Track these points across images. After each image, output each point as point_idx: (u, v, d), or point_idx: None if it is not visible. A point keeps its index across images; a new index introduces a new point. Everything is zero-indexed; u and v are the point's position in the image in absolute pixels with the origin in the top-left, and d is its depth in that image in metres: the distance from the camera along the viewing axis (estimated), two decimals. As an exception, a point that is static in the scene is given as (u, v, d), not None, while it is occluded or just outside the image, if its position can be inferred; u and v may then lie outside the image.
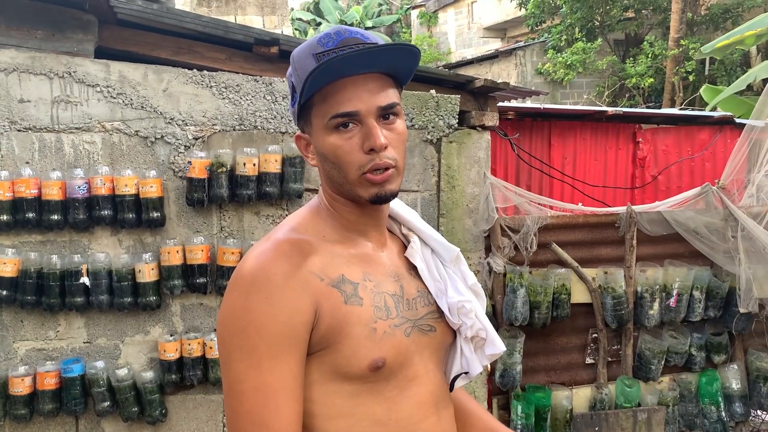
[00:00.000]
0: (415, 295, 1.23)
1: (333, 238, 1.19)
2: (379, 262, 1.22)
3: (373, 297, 1.15)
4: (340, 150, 1.12)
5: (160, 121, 3.04)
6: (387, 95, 1.14)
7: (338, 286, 1.13)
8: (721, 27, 11.79)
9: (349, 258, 1.18)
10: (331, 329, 1.10)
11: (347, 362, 1.11)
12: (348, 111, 1.11)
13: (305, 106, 1.15)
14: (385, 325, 1.14)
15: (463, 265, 1.32)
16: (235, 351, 1.07)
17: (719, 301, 3.78)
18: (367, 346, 1.11)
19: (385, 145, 1.11)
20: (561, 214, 3.68)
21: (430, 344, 1.23)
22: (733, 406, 3.82)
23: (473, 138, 3.47)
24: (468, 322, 1.25)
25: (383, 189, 1.14)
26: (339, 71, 1.09)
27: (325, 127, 1.13)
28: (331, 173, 1.16)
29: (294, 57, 1.16)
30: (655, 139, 4.59)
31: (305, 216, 1.23)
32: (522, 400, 3.49)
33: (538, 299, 3.45)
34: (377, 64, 1.12)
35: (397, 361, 1.15)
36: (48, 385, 2.93)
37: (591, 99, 12.77)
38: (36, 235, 2.98)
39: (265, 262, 1.09)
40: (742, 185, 3.90)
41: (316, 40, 1.14)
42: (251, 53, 3.22)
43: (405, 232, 1.32)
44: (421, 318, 1.22)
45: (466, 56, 17.32)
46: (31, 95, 2.92)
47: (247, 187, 3.03)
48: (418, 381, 1.19)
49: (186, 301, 3.14)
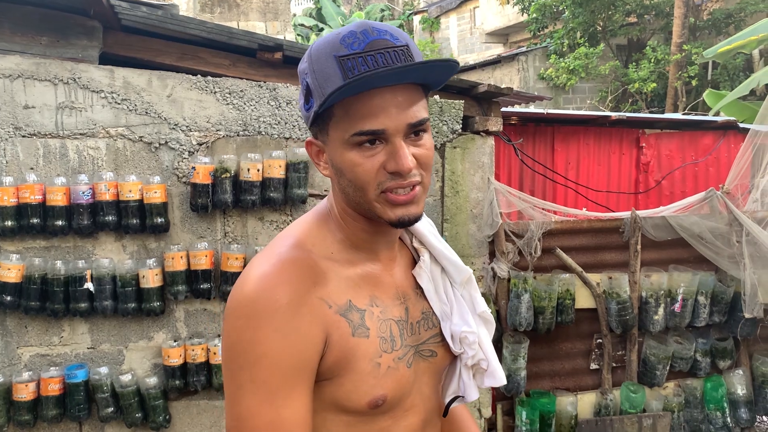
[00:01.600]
0: (419, 318, 1.16)
1: (340, 256, 1.10)
2: (385, 284, 1.13)
3: (379, 326, 1.08)
4: (360, 168, 1.00)
5: (164, 127, 3.04)
6: (417, 110, 1.02)
7: (346, 314, 1.05)
8: (724, 32, 11.78)
9: (356, 280, 1.09)
10: (337, 362, 1.03)
11: (347, 397, 1.05)
12: (374, 129, 0.99)
13: (322, 114, 1.03)
14: (389, 359, 1.08)
15: (474, 290, 1.23)
16: (247, 384, 0.98)
17: (724, 307, 3.77)
18: (370, 382, 1.05)
19: (411, 168, 1.00)
20: (565, 220, 3.67)
21: (429, 369, 1.17)
22: (739, 412, 3.80)
23: (477, 143, 3.47)
24: (470, 352, 1.19)
25: (408, 212, 1.03)
26: (367, 84, 0.97)
27: (346, 141, 1.00)
28: (347, 190, 1.05)
29: (312, 55, 1.02)
30: (659, 144, 4.59)
31: (312, 227, 1.12)
32: (526, 405, 3.48)
33: (543, 304, 3.44)
34: (409, 77, 1.00)
35: (397, 396, 1.09)
36: (52, 391, 2.93)
37: (594, 104, 12.77)
38: (40, 240, 2.98)
39: (269, 287, 0.99)
40: (746, 190, 3.89)
41: (339, 38, 0.99)
42: (255, 59, 3.23)
43: (417, 246, 1.22)
44: (423, 342, 1.16)
45: (468, 61, 17.34)
46: (35, 101, 2.93)
47: (251, 193, 3.03)
48: (413, 410, 1.14)
49: (190, 307, 3.14)
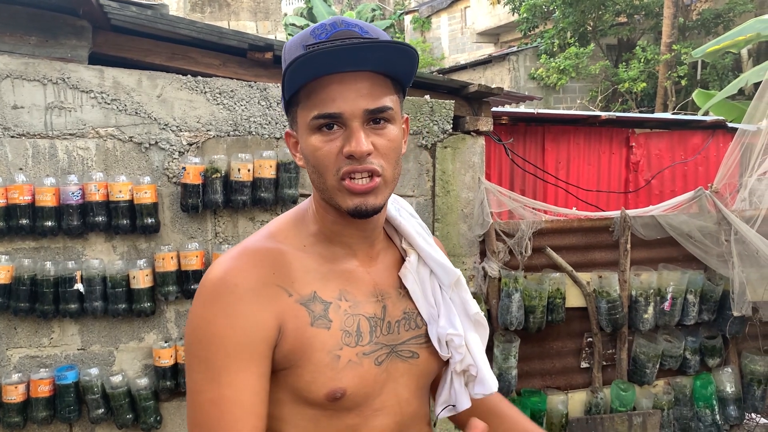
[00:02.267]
0: (399, 317, 1.15)
1: (313, 249, 1.11)
2: (361, 280, 1.13)
3: (344, 320, 1.08)
4: (319, 153, 1.03)
5: (155, 127, 3.04)
6: (377, 98, 1.03)
7: (307, 304, 1.06)
8: (713, 32, 11.86)
9: (326, 273, 1.10)
10: (293, 351, 1.04)
11: (307, 388, 1.05)
12: (330, 112, 1.01)
13: (292, 102, 1.07)
14: (351, 353, 1.07)
15: (464, 292, 1.21)
16: (195, 361, 1.03)
17: (713, 305, 3.79)
18: (328, 374, 1.04)
19: (367, 152, 1.01)
20: (555, 219, 3.69)
21: (409, 371, 1.15)
22: (728, 410, 3.83)
23: (468, 143, 3.48)
24: (457, 356, 1.16)
25: (365, 202, 1.04)
26: (324, 67, 1.00)
27: (308, 126, 1.04)
28: (312, 176, 1.08)
29: (286, 48, 1.07)
30: (649, 144, 4.62)
31: (288, 221, 1.15)
32: (517, 404, 3.50)
33: (533, 303, 3.45)
34: (366, 62, 1.01)
35: (361, 392, 1.07)
36: (42, 393, 2.92)
37: (584, 104, 12.82)
38: (29, 241, 2.96)
39: (229, 272, 1.03)
40: (734, 189, 3.92)
41: (310, 30, 1.04)
42: (245, 59, 3.22)
43: (405, 247, 1.21)
44: (402, 343, 1.14)
45: (459, 61, 17.36)
46: (24, 101, 2.91)
47: (241, 193, 3.03)
48: (385, 411, 1.11)
49: (181, 308, 3.13)
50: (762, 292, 3.63)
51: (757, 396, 3.84)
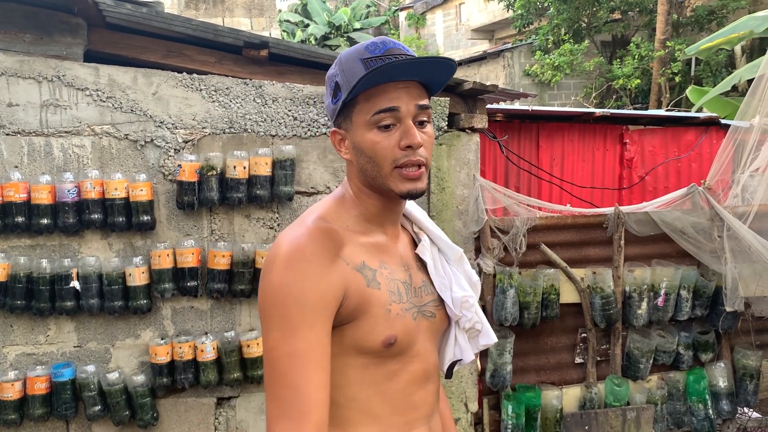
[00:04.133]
0: (420, 284, 1.38)
1: (354, 228, 1.32)
2: (392, 252, 1.36)
3: (387, 283, 1.29)
4: (378, 145, 1.25)
5: (150, 125, 3.04)
6: (423, 99, 1.28)
7: (361, 270, 1.26)
8: (707, 28, 11.90)
9: (368, 247, 1.31)
10: (356, 307, 1.24)
11: (366, 336, 1.25)
12: (390, 106, 1.23)
13: (348, 105, 1.27)
14: (398, 308, 1.29)
15: (466, 264, 1.49)
16: (273, 320, 1.18)
17: (706, 300, 3.82)
18: (383, 324, 1.26)
19: (421, 144, 1.25)
20: (549, 215, 3.70)
21: (430, 328, 1.38)
22: (720, 404, 3.86)
23: (462, 140, 3.49)
24: (468, 315, 1.41)
25: (416, 186, 1.27)
26: (387, 76, 1.23)
27: (367, 123, 1.25)
28: (365, 167, 1.29)
29: (342, 59, 1.28)
30: (642, 140, 4.63)
31: (331, 205, 1.34)
32: (512, 399, 3.52)
33: (528, 299, 3.48)
34: (419, 74, 1.26)
35: (406, 340, 1.29)
36: (38, 390, 2.93)
37: (578, 100, 12.85)
38: (25, 239, 2.97)
39: (301, 245, 1.21)
40: (727, 185, 3.94)
41: (363, 47, 1.26)
42: (241, 56, 3.22)
43: (416, 230, 1.46)
44: (425, 305, 1.37)
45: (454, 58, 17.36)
46: (19, 99, 2.91)
47: (237, 190, 3.04)
48: (418, 359, 1.34)
49: (177, 305, 3.14)
50: (754, 287, 3.65)
51: (750, 390, 3.88)
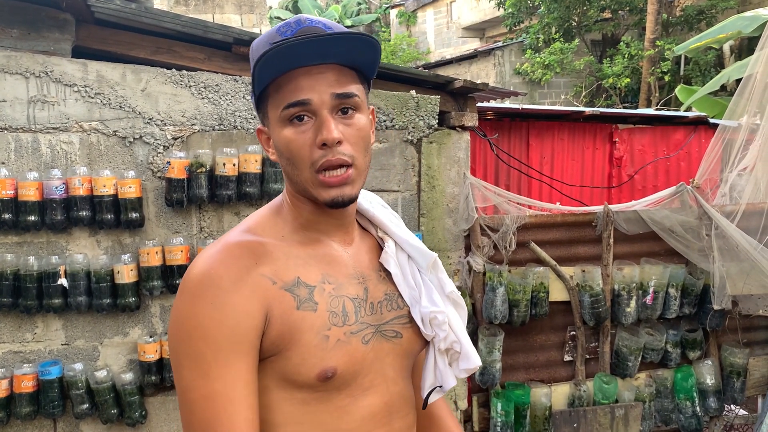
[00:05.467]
0: (381, 298, 1.18)
1: (292, 238, 1.14)
2: (341, 263, 1.16)
3: (330, 301, 1.10)
4: (293, 144, 1.07)
5: (139, 121, 3.02)
6: (344, 86, 1.07)
7: (292, 289, 1.07)
8: (696, 28, 11.97)
9: (307, 259, 1.12)
10: (281, 335, 1.05)
11: (296, 370, 1.06)
12: (300, 99, 1.05)
13: (262, 98, 1.10)
14: (339, 332, 1.09)
15: (441, 272, 1.25)
16: (183, 358, 1.03)
17: (694, 299, 3.84)
18: (318, 355, 1.06)
19: (338, 140, 1.05)
20: (539, 214, 3.71)
21: (393, 351, 1.17)
22: (708, 401, 3.89)
23: (453, 138, 3.49)
24: (441, 333, 1.19)
25: (342, 193, 1.08)
26: (292, 60, 1.04)
27: (279, 119, 1.07)
28: (287, 169, 1.11)
29: (252, 47, 1.12)
30: (632, 139, 4.66)
31: (264, 215, 1.18)
32: (502, 397, 3.53)
33: (517, 297, 3.48)
34: (332, 54, 1.05)
35: (350, 370, 1.10)
36: (25, 388, 2.90)
37: (569, 99, 12.90)
38: (12, 236, 2.94)
39: (212, 266, 1.05)
40: (715, 184, 3.96)
41: (276, 29, 1.09)
42: (230, 53, 3.21)
43: (381, 235, 1.25)
44: (386, 323, 1.17)
45: (445, 56, 17.38)
46: (6, 95, 2.88)
47: (226, 188, 3.02)
48: (373, 390, 1.14)
49: (165, 302, 3.13)
50: (741, 285, 3.68)
51: (737, 388, 3.90)
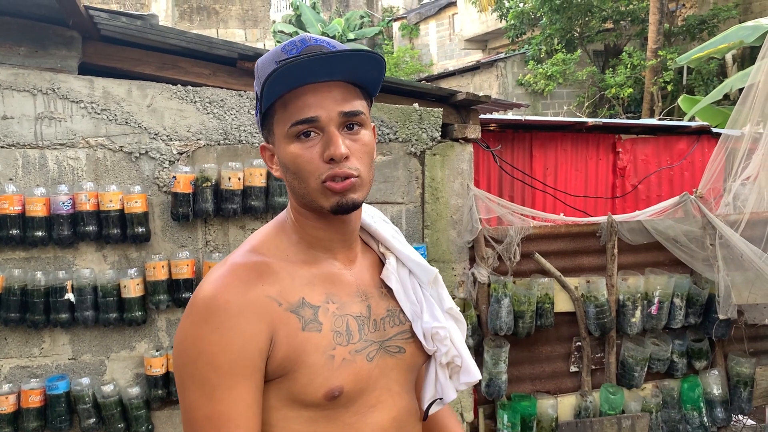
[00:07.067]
0: (383, 315, 1.20)
1: (296, 257, 1.15)
2: (344, 282, 1.18)
3: (334, 321, 1.12)
4: (300, 159, 1.09)
5: (145, 137, 3.05)
6: (351, 103, 1.10)
7: (297, 311, 1.09)
8: (698, 38, 12.00)
9: (311, 279, 1.14)
10: (287, 357, 1.07)
11: (303, 390, 1.08)
12: (308, 117, 1.07)
13: (267, 115, 1.13)
14: (344, 351, 1.11)
15: (441, 288, 1.28)
16: (188, 380, 1.05)
17: (699, 308, 3.84)
18: (324, 374, 1.08)
19: (345, 155, 1.07)
20: (543, 225, 3.72)
21: (397, 366, 1.19)
22: (715, 412, 3.87)
23: (456, 150, 3.51)
24: (443, 348, 1.22)
25: (345, 198, 1.09)
26: (299, 78, 1.06)
27: (286, 135, 1.09)
28: (292, 184, 1.13)
29: (258, 65, 1.14)
30: (635, 149, 4.66)
31: (268, 234, 1.19)
32: (508, 409, 3.52)
33: (522, 309, 3.48)
34: (338, 72, 1.08)
35: (356, 388, 1.12)
36: (32, 403, 2.91)
37: (571, 110, 12.91)
38: (20, 251, 2.96)
39: (218, 289, 1.07)
40: (719, 194, 3.96)
41: (281, 47, 1.11)
42: (235, 68, 3.24)
43: (382, 251, 1.28)
44: (389, 339, 1.19)
45: (448, 67, 17.44)
46: (14, 112, 2.92)
47: (232, 201, 3.05)
48: (380, 407, 1.16)
49: (172, 316, 3.14)
50: (747, 294, 3.67)
51: (744, 398, 3.89)
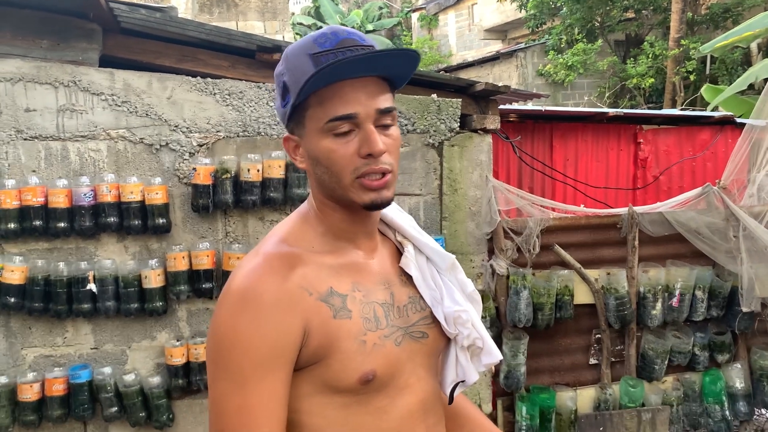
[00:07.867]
0: (405, 302, 1.22)
1: (322, 248, 1.17)
2: (368, 271, 1.20)
3: (362, 308, 1.14)
4: (335, 154, 1.09)
5: (165, 129, 3.07)
6: (385, 99, 1.11)
7: (327, 300, 1.11)
8: (722, 26, 11.79)
9: (338, 269, 1.16)
10: (321, 345, 1.09)
11: (337, 376, 1.10)
12: (347, 113, 1.07)
13: (298, 108, 1.12)
14: (374, 336, 1.13)
15: (460, 273, 1.31)
16: (221, 370, 1.06)
17: (722, 301, 3.79)
18: (357, 359, 1.10)
19: (384, 151, 1.09)
20: (563, 216, 3.70)
21: (421, 350, 1.21)
22: (737, 405, 3.83)
23: (475, 141, 3.49)
24: (465, 331, 1.24)
25: (380, 195, 1.12)
26: (339, 74, 1.06)
27: (321, 130, 1.09)
28: (322, 177, 1.14)
29: (288, 55, 1.12)
30: (657, 140, 4.61)
31: (294, 225, 1.20)
32: (527, 401, 3.51)
33: (542, 301, 3.47)
34: (377, 68, 1.09)
35: (387, 372, 1.14)
36: (56, 391, 2.96)
37: (592, 100, 12.78)
38: (43, 242, 3.01)
39: (254, 280, 1.08)
40: (742, 185, 3.91)
41: (312, 39, 1.10)
42: (254, 60, 3.25)
43: (400, 239, 1.29)
44: (413, 325, 1.21)
45: (467, 58, 17.34)
46: (36, 104, 2.95)
47: (251, 193, 3.06)
48: (408, 390, 1.18)
49: (192, 307, 3.17)
50: (771, 287, 3.62)
51: (767, 391, 3.84)
